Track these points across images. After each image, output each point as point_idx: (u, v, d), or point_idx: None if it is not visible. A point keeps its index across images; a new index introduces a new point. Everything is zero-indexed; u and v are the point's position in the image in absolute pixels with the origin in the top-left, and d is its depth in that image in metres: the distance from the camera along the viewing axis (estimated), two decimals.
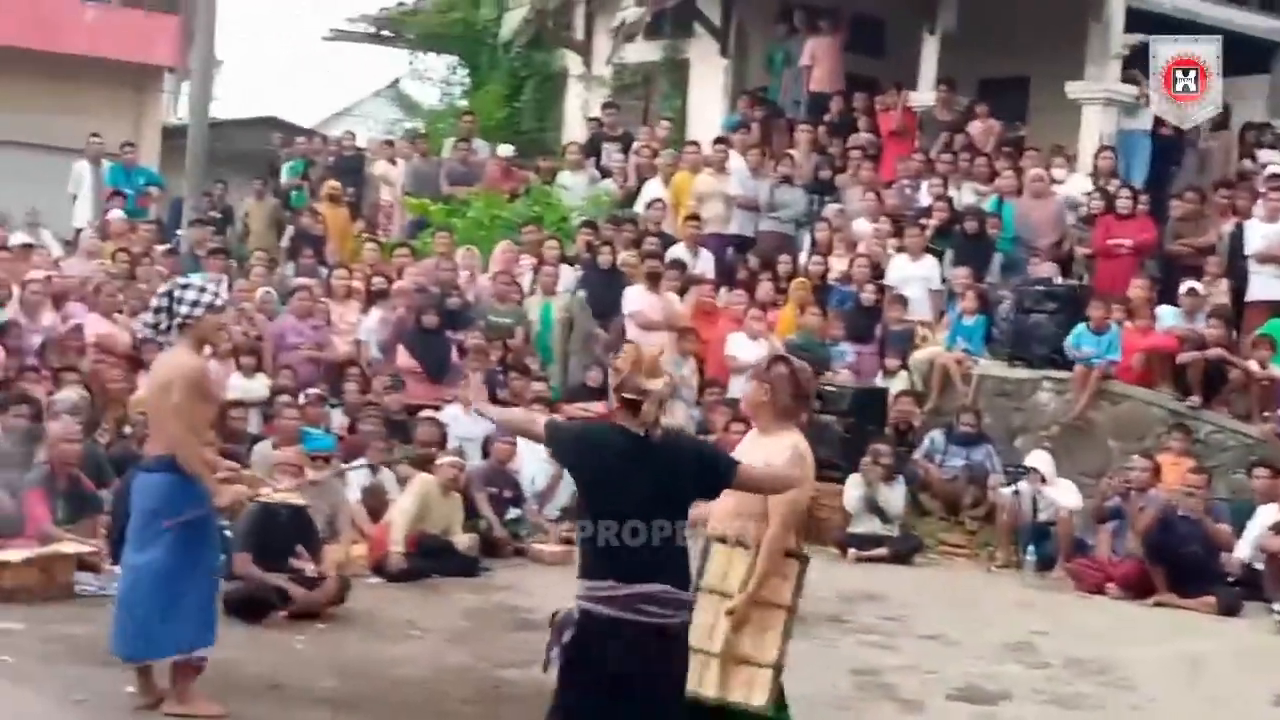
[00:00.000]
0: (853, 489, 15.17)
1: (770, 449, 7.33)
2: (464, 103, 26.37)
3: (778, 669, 7.38)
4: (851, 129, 20.89)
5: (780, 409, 7.43)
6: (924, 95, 20.63)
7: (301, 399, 14.33)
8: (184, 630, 8.25)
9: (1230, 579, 13.88)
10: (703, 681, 7.26)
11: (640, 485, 6.42)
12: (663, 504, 6.47)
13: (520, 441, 14.38)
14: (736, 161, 19.85)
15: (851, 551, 14.87)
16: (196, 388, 8.33)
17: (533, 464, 14.72)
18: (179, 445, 8.24)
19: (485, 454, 14.56)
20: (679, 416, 16.15)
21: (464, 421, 14.81)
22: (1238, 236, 17.43)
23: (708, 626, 7.25)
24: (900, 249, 18.22)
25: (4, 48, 25.91)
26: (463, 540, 13.07)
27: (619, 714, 6.45)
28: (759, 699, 7.40)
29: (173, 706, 8.23)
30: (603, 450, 6.55)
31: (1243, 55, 20.29)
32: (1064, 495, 15.13)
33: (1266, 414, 15.51)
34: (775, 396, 7.41)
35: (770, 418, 7.47)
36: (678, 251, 18.37)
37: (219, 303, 8.84)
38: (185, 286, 8.41)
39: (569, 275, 17.92)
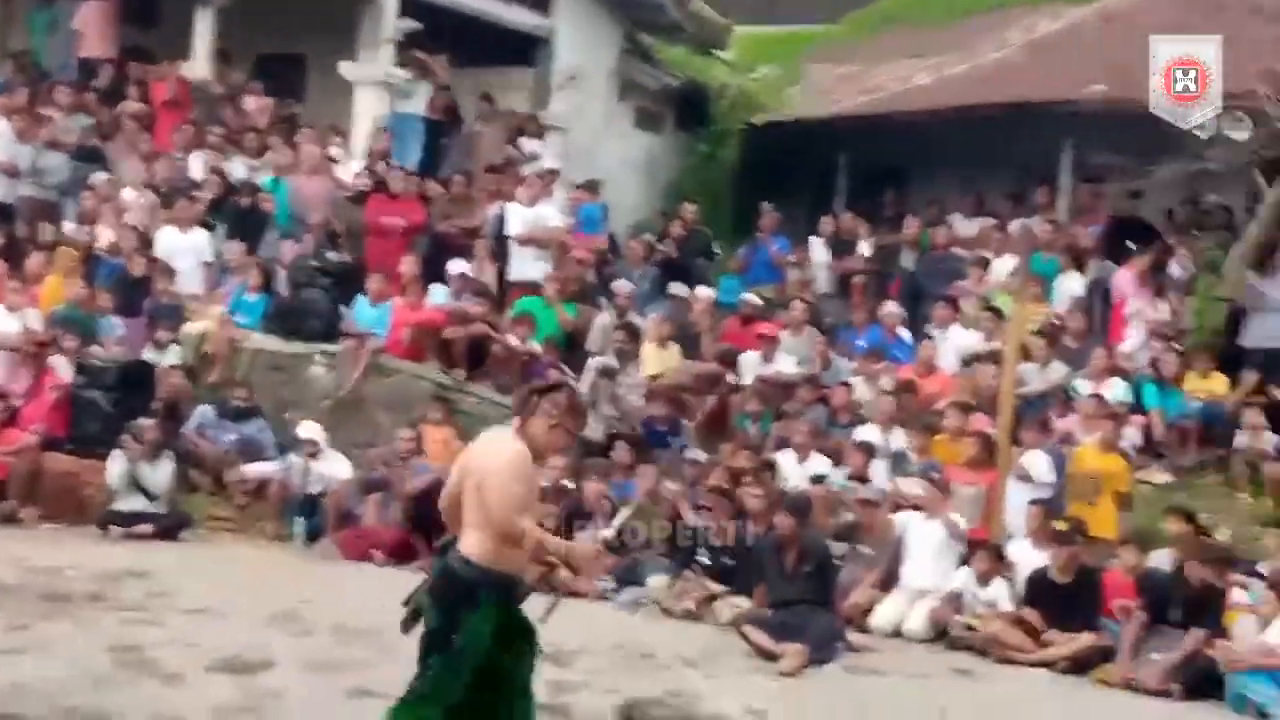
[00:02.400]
0: (115, 465, 14.78)
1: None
2: None
3: None
4: (124, 98, 20.18)
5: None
6: (198, 67, 20.17)
7: None
8: None
9: None
10: None
11: None
12: None
13: None
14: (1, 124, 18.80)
15: (114, 529, 14.46)
16: None
17: None
18: None
19: None
20: None
21: None
22: (501, 219, 18.21)
23: None
24: (170, 220, 17.85)
25: None
26: None
27: None
28: None
29: None
30: None
31: (508, 48, 20.98)
32: (334, 467, 15.35)
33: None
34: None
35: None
36: None
37: None
38: None
39: None
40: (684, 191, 21.23)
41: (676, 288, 18.07)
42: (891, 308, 17.61)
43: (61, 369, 15.86)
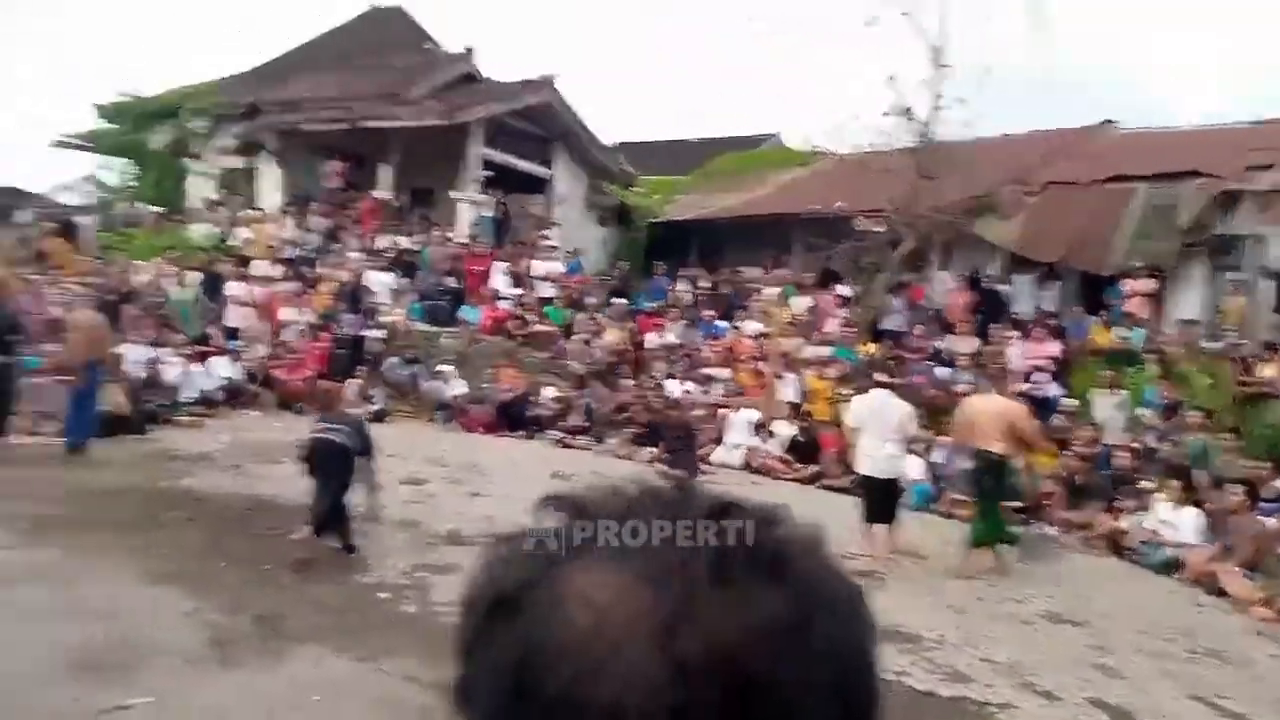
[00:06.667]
0: (351, 387, 14.10)
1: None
2: (133, 184, 23.48)
3: None
4: (348, 207, 19.96)
5: None
6: (385, 193, 19.96)
7: None
8: None
9: None
10: None
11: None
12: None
13: (169, 361, 13.10)
14: (288, 221, 18.75)
15: None
16: None
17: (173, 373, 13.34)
18: None
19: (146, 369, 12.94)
20: (260, 352, 15.15)
21: (132, 355, 12.99)
22: (529, 268, 18.09)
23: None
24: (373, 268, 17.52)
25: None
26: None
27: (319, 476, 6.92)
28: None
29: None
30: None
31: (532, 183, 20.89)
32: (457, 386, 15.05)
33: None
34: None
35: None
36: (262, 267, 17.12)
37: None
38: None
39: (195, 275, 16.27)
40: (619, 256, 21.21)
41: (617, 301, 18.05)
42: (711, 311, 17.59)
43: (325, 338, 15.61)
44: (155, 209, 20.20)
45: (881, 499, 8.34)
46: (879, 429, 8.32)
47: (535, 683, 0.52)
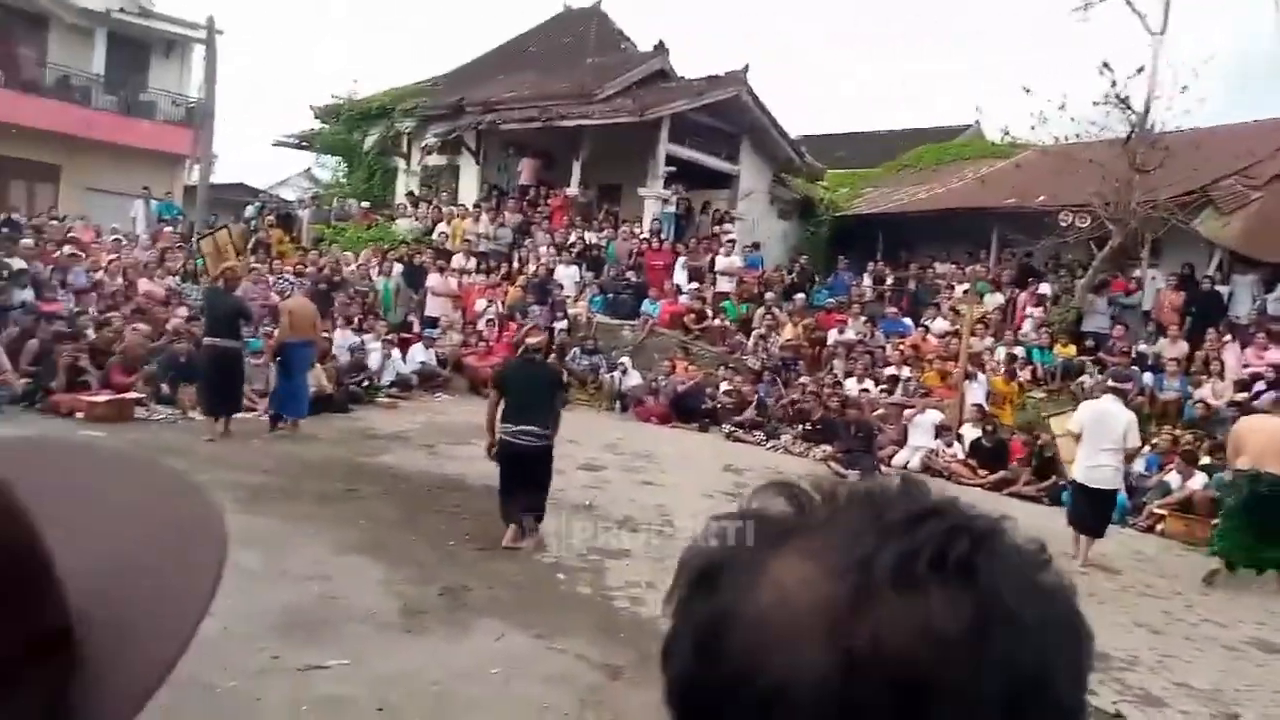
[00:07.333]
0: None
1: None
2: (344, 180, 25.20)
3: None
4: (539, 204, 20.60)
5: None
6: (575, 190, 20.48)
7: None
8: None
9: None
10: None
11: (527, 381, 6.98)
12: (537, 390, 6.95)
13: (372, 347, 13.94)
14: (484, 217, 19.48)
15: None
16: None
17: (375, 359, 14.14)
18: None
19: (351, 354, 13.86)
20: (454, 340, 15.90)
21: (339, 340, 13.97)
22: (712, 261, 18.04)
23: None
24: (561, 261, 18.09)
25: (110, 143, 23.45)
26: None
27: (516, 479, 6.95)
28: None
29: None
30: (514, 368, 7.28)
31: (716, 179, 20.91)
32: (633, 378, 15.24)
33: None
34: None
35: None
36: (459, 260, 17.98)
37: None
38: None
39: (398, 267, 17.30)
40: (801, 249, 20.92)
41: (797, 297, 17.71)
42: (895, 308, 17.27)
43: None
44: (364, 204, 21.64)
45: (1095, 511, 7.95)
46: (1100, 438, 7.95)
47: (715, 654, 0.55)
